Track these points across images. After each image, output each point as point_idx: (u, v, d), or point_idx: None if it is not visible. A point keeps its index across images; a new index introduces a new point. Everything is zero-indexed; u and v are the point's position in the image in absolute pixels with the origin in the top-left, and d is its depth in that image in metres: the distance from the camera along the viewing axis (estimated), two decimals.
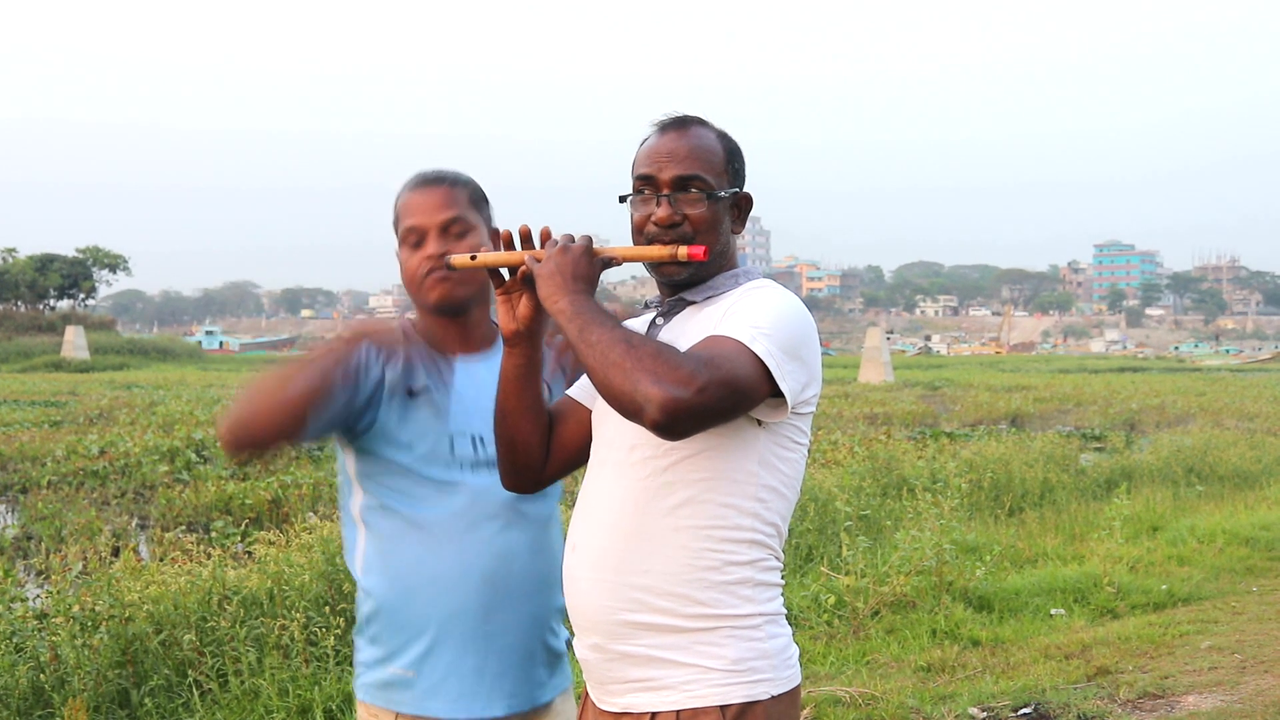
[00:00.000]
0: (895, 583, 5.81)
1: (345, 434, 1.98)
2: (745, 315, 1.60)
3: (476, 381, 2.00)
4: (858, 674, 4.81)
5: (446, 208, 1.99)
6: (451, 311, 2.01)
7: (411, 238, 1.99)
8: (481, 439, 1.96)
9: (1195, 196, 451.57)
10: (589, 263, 1.65)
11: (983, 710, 4.38)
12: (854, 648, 5.25)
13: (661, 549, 1.62)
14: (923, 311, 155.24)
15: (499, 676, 1.95)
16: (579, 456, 1.83)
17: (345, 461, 2.04)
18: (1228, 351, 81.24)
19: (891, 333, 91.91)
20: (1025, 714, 4.33)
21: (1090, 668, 4.85)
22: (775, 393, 1.57)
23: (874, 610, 5.69)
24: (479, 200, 2.05)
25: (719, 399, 1.49)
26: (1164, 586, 6.42)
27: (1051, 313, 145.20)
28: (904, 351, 76.09)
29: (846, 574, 5.94)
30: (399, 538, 1.96)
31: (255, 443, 1.83)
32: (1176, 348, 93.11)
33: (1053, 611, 5.97)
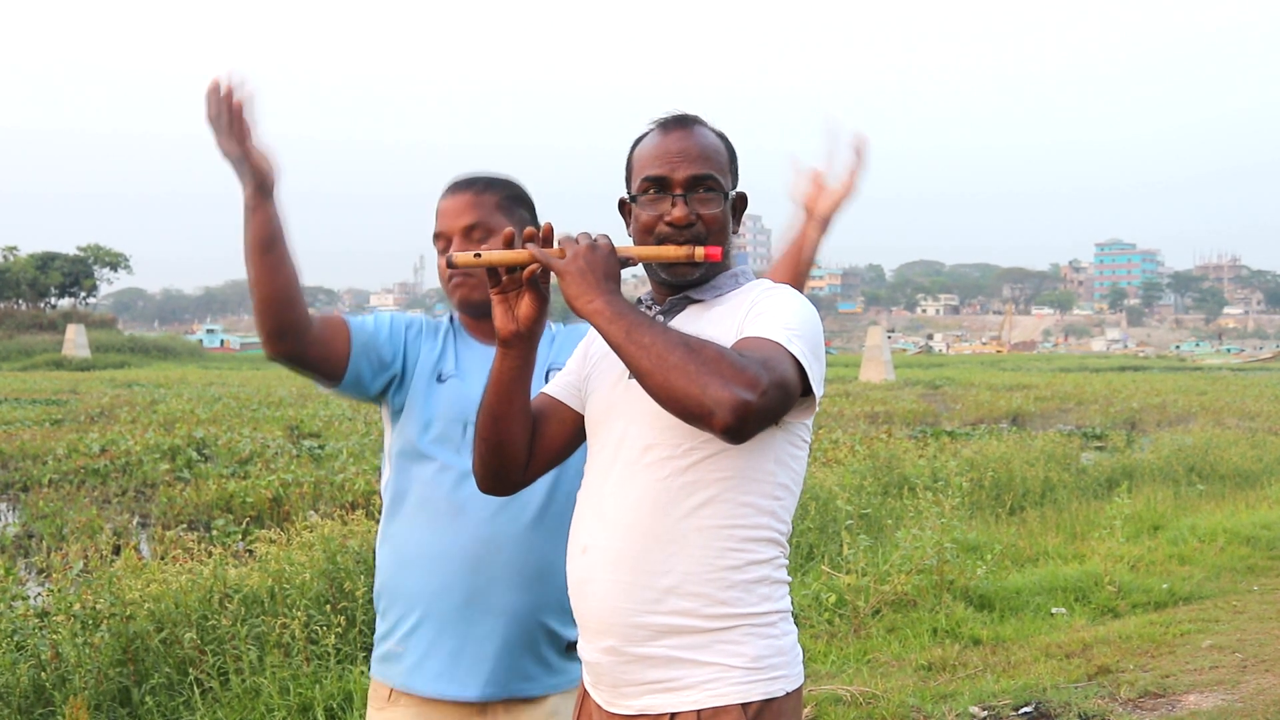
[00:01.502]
0: (896, 581, 5.81)
1: (389, 406, 2.11)
2: (775, 317, 1.59)
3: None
4: (859, 673, 4.81)
5: (468, 212, 2.09)
6: (474, 312, 2.12)
7: (440, 243, 2.11)
8: None
9: (1197, 203, 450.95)
10: (617, 261, 1.61)
11: (983, 709, 4.37)
12: (855, 646, 5.25)
13: (684, 549, 1.60)
14: (924, 310, 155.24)
15: (476, 660, 1.99)
16: (559, 456, 1.82)
17: (386, 438, 2.16)
18: (1229, 350, 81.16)
19: (893, 331, 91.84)
20: (1026, 713, 4.33)
21: (1091, 666, 4.84)
22: (804, 392, 1.57)
23: (875, 609, 5.69)
24: (513, 202, 2.12)
25: (777, 401, 1.49)
26: (1165, 585, 6.42)
27: (1052, 311, 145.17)
28: (905, 350, 76.03)
29: (847, 573, 5.94)
30: (403, 514, 2.07)
31: (278, 314, 1.91)
32: (1177, 347, 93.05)
33: (1054, 610, 5.97)
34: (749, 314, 1.63)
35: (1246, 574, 6.91)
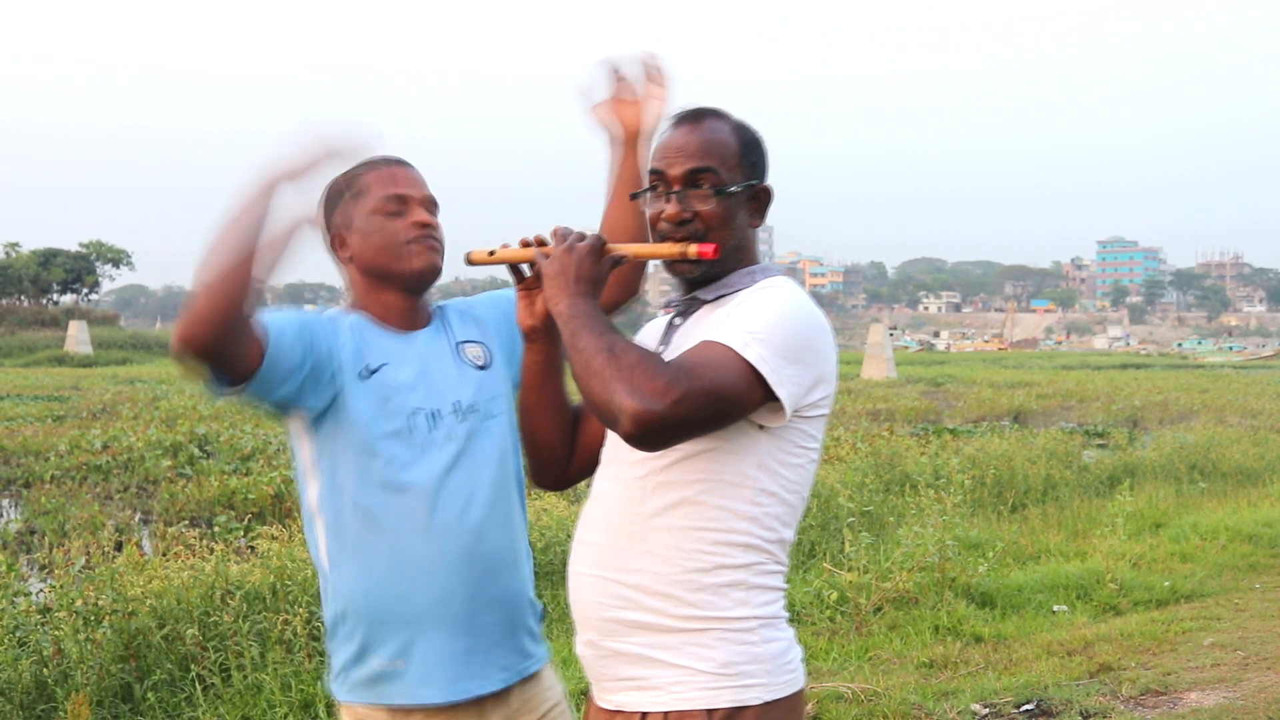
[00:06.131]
0: (898, 579, 5.81)
1: (306, 413, 1.91)
2: (743, 319, 1.56)
3: (423, 357, 1.99)
4: (860, 670, 4.81)
5: (425, 186, 2.03)
6: (423, 286, 2.02)
7: (392, 206, 1.98)
8: (434, 414, 1.94)
9: (1199, 201, 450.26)
10: (593, 262, 1.61)
11: (985, 706, 4.37)
12: (856, 644, 5.25)
13: (654, 549, 1.60)
14: (925, 307, 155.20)
15: (490, 651, 1.95)
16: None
17: (301, 451, 1.96)
18: (1231, 348, 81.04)
19: (895, 329, 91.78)
20: (1027, 710, 4.33)
21: (1093, 664, 4.84)
22: (772, 398, 1.53)
23: (876, 606, 5.69)
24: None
25: (699, 409, 1.46)
26: (1166, 583, 6.41)
27: (1054, 309, 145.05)
28: (907, 348, 75.96)
29: (849, 570, 5.94)
30: (366, 525, 1.90)
31: (209, 330, 1.69)
32: (1180, 344, 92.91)
33: (1055, 608, 5.97)
34: (728, 316, 1.60)
35: (1248, 572, 6.91)
